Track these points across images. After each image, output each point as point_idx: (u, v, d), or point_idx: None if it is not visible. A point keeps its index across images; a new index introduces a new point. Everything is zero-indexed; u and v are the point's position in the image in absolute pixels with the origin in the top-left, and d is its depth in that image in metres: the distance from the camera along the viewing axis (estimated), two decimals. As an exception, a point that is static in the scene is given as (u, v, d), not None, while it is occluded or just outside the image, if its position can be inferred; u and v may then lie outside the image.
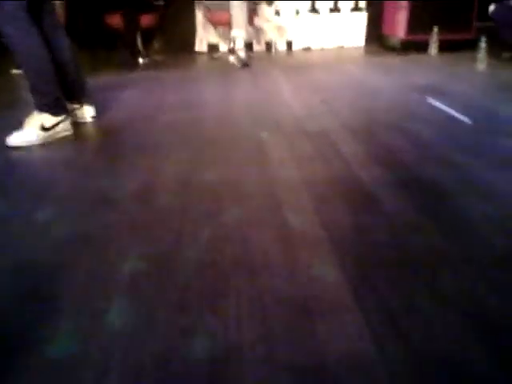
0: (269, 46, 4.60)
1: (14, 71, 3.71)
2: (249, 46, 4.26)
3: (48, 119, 2.19)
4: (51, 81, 2.18)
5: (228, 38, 4.09)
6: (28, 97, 2.22)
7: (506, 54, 3.64)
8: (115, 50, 4.01)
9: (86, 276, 1.17)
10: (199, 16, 4.48)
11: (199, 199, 1.54)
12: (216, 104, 2.76)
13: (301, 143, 2.03)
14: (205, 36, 4.57)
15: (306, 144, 2.02)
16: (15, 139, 2.13)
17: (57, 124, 2.21)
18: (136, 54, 3.99)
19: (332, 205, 1.47)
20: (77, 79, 2.39)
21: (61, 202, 1.58)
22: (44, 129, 2.17)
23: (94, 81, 2.97)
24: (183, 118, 2.46)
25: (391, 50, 4.30)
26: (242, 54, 3.83)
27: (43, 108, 2.19)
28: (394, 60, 3.95)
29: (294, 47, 4.64)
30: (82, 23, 4.19)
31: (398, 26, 4.25)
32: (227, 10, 3.86)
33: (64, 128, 2.24)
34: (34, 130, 2.16)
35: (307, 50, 4.63)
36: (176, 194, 1.59)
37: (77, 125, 2.35)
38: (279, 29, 4.56)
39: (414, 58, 3.95)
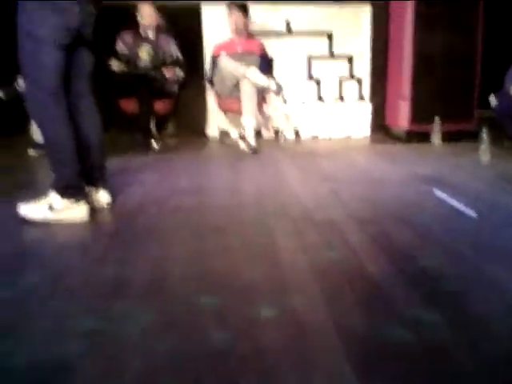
0: (277, 133, 4.77)
1: (31, 152, 3.84)
2: (258, 133, 4.41)
3: (58, 201, 2.20)
4: (69, 165, 2.20)
5: (238, 125, 4.25)
6: (44, 178, 2.28)
7: (507, 143, 3.75)
8: (128, 133, 4.17)
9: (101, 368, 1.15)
10: (211, 102, 4.69)
11: (208, 290, 1.54)
12: (225, 189, 2.83)
13: (308, 232, 2.06)
14: (216, 122, 4.76)
15: (313, 233, 2.04)
16: (24, 210, 2.18)
17: (68, 207, 2.21)
18: (149, 137, 4.13)
19: (341, 299, 1.47)
20: (98, 163, 2.43)
21: (73, 291, 1.58)
22: (52, 209, 2.19)
23: (107, 163, 3.07)
24: (193, 203, 2.52)
25: (396, 139, 4.45)
26: (251, 140, 3.97)
27: (56, 189, 2.20)
28: (399, 150, 4.07)
29: (302, 135, 4.80)
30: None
31: (401, 116, 4.43)
32: (237, 97, 4.04)
33: (77, 213, 2.23)
34: (42, 207, 2.19)
35: (315, 138, 4.79)
36: (184, 286, 1.59)
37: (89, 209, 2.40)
38: (287, 117, 4.75)
39: (418, 147, 4.08)
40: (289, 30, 4.82)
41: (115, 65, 4.14)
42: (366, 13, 4.89)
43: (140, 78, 4.08)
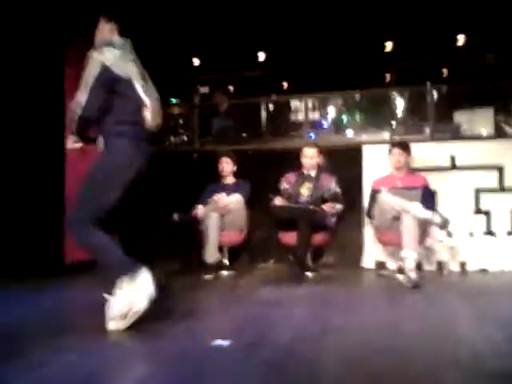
0: (440, 266, 4.45)
1: (207, 277, 4.09)
2: (418, 266, 4.17)
3: None
4: None
5: (397, 257, 4.08)
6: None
7: None
8: (285, 264, 4.25)
9: None
10: (367, 234, 4.63)
11: None
12: (384, 329, 2.62)
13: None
14: (373, 253, 4.64)
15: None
16: None
17: None
18: (305, 269, 4.17)
19: None
20: None
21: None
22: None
23: (259, 296, 3.10)
24: (349, 343, 2.36)
25: None
26: (412, 274, 3.74)
27: None
28: None
29: (469, 268, 4.41)
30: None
31: None
32: (397, 230, 3.93)
33: None
34: None
35: (484, 271, 4.35)
36: None
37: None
38: (451, 249, 4.44)
39: None
40: (453, 165, 4.66)
41: (277, 200, 4.40)
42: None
43: (300, 213, 4.24)
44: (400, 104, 5.83)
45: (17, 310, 3.08)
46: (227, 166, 4.71)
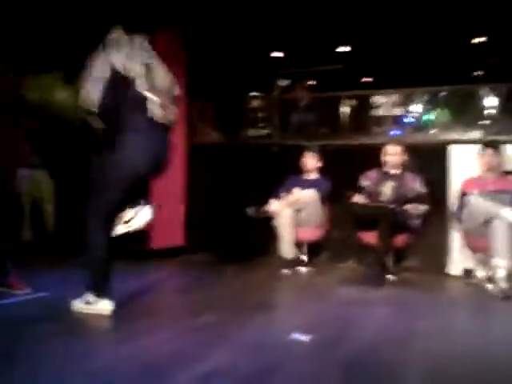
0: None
1: (284, 271, 4.09)
2: (510, 276, 3.91)
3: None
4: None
5: (486, 265, 3.86)
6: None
7: None
8: (365, 265, 4.16)
9: None
10: (454, 239, 4.41)
11: None
12: (470, 337, 2.50)
13: None
14: (460, 259, 4.42)
15: None
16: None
17: None
18: (385, 271, 4.04)
19: None
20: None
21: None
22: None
23: (338, 295, 3.03)
24: (435, 348, 2.27)
25: None
26: (503, 284, 3.52)
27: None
28: None
29: None
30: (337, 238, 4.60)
31: None
32: (488, 236, 3.71)
33: None
34: None
35: None
36: None
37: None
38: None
39: None
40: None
41: (357, 198, 4.29)
42: None
43: (382, 212, 4.11)
44: (491, 102, 5.50)
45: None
46: (311, 161, 4.65)
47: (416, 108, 5.95)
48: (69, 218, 4.93)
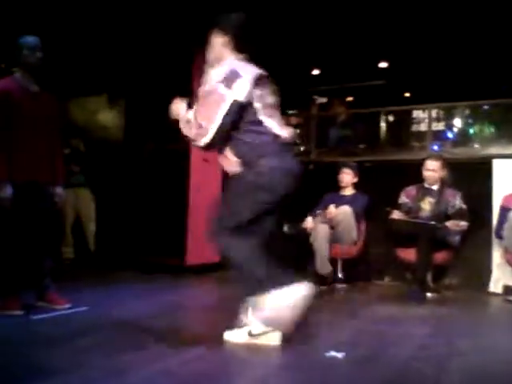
0: None
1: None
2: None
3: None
4: None
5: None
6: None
7: None
8: (403, 282, 4.08)
9: None
10: (496, 256, 4.27)
11: None
12: (511, 359, 2.40)
13: None
14: (500, 276, 4.27)
15: None
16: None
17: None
18: (425, 288, 3.94)
19: None
20: None
21: None
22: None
23: (374, 312, 2.98)
24: (474, 368, 2.19)
25: None
26: (546, 303, 3.38)
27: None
28: None
29: None
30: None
31: None
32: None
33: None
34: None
35: None
36: None
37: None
38: None
39: None
40: None
41: (396, 214, 4.23)
42: None
43: (420, 228, 4.04)
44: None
45: (144, 305, 3.30)
46: (347, 176, 4.64)
47: (457, 122, 5.84)
48: (110, 236, 5.11)
